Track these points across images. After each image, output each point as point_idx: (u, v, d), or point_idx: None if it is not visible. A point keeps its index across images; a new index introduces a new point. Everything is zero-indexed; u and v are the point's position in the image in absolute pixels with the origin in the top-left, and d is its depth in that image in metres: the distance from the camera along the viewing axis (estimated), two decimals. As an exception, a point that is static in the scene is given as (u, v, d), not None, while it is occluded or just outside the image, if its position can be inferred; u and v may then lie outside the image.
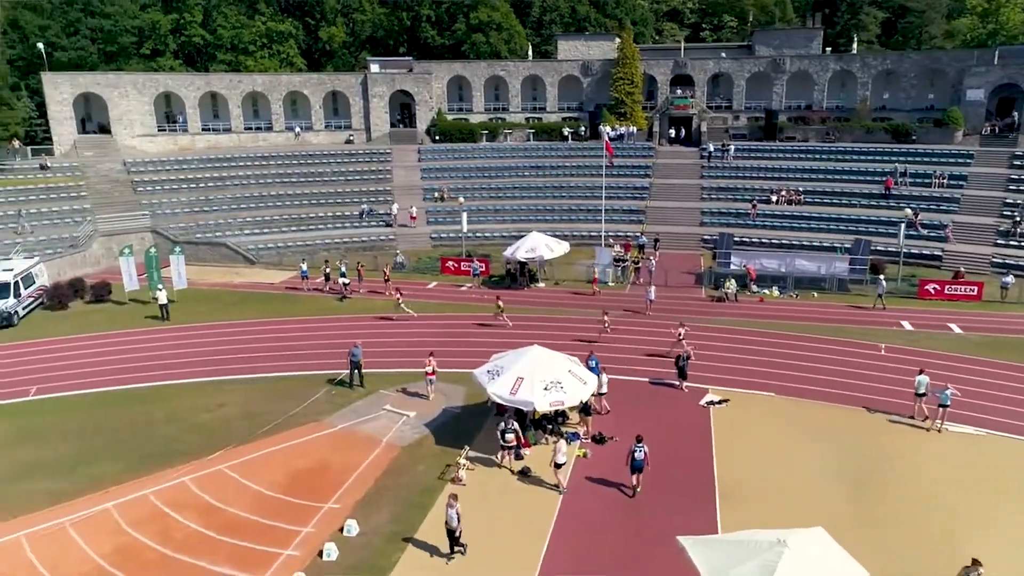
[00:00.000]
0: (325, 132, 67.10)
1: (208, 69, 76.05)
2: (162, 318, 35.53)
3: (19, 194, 50.12)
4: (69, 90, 58.38)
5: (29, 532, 18.53)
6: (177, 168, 57.35)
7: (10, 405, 26.44)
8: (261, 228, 51.78)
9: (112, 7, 70.91)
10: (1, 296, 34.86)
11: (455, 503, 16.76)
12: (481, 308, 36.67)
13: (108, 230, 48.19)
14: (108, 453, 22.52)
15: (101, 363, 30.32)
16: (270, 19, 77.71)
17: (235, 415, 25.12)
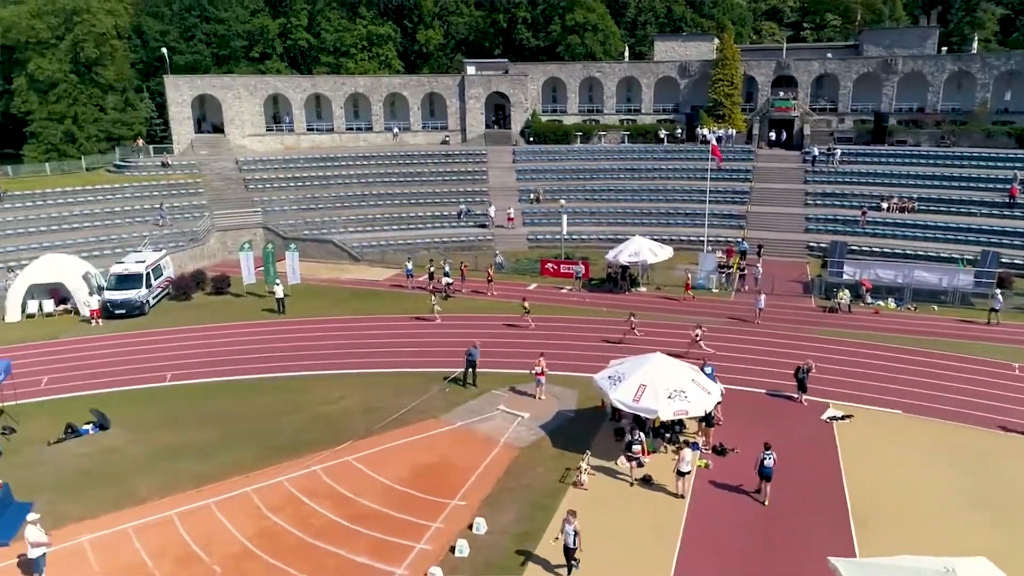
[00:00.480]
0: (422, 133, 68.61)
1: (311, 71, 78.98)
2: (278, 311, 37.14)
3: (144, 190, 53.48)
4: (188, 92, 61.86)
5: (180, 511, 19.74)
6: (284, 167, 59.81)
7: (149, 390, 28.23)
8: (364, 226, 53.35)
9: (226, 13, 74.57)
10: (134, 286, 37.24)
11: (573, 519, 16.54)
12: (584, 311, 36.73)
13: (223, 225, 50.72)
14: (242, 440, 23.73)
15: (226, 353, 31.99)
16: (371, 22, 79.96)
17: (355, 408, 26.03)
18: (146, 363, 30.86)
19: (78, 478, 21.58)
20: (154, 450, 23.19)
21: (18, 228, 47.00)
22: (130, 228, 49.01)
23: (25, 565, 17.39)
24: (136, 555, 17.95)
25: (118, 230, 48.53)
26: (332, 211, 54.89)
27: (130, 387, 28.47)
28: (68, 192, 51.36)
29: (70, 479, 21.51)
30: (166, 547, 18.23)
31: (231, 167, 58.94)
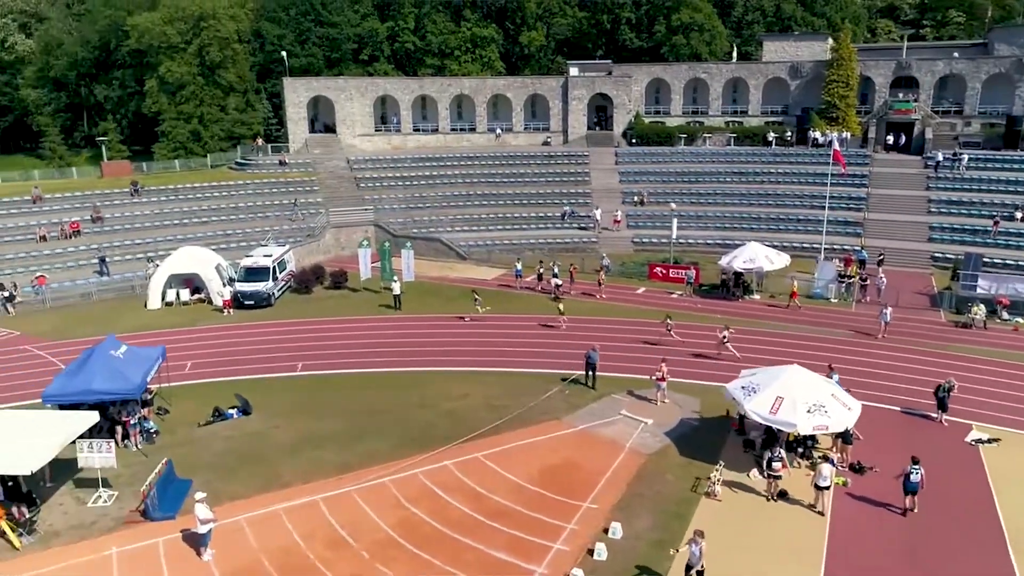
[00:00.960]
0: (524, 134, 69.18)
1: (416, 73, 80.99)
2: (395, 307, 38.37)
3: (264, 187, 56.28)
4: (305, 93, 64.63)
5: (324, 496, 20.77)
6: (392, 166, 61.61)
7: (283, 379, 29.75)
8: (470, 225, 54.33)
9: (338, 17, 77.40)
10: (262, 279, 39.32)
11: (700, 540, 16.31)
12: (696, 318, 36.23)
13: (337, 222, 52.74)
14: (375, 432, 24.69)
15: (349, 345, 33.34)
16: (475, 25, 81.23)
17: (479, 405, 26.62)
18: (277, 353, 32.53)
19: (228, 459, 23.02)
20: (295, 437, 24.44)
21: (154, 221, 50.41)
22: (252, 223, 51.67)
23: (192, 538, 18.75)
24: (289, 536, 19.01)
25: (242, 225, 51.27)
26: (439, 210, 56.16)
27: (265, 375, 30.06)
28: (196, 188, 54.68)
29: (221, 460, 22.97)
30: (315, 530, 19.22)
31: (343, 166, 61.23)
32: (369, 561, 17.95)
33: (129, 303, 40.48)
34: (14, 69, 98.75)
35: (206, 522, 17.87)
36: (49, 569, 17.80)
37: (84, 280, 42.11)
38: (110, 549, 18.53)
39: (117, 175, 57.06)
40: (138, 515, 19.83)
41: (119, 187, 53.13)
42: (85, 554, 18.35)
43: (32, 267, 42.61)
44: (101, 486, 20.90)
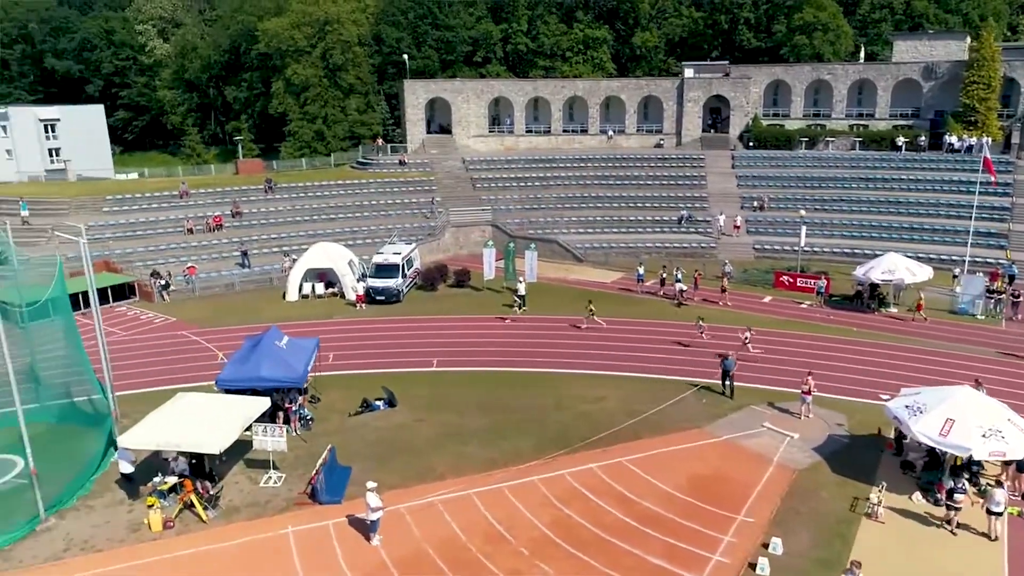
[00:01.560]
0: (636, 136, 68.67)
1: (527, 74, 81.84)
2: (519, 308, 38.97)
3: (385, 186, 58.31)
4: (423, 95, 66.51)
5: (477, 491, 21.43)
6: (506, 167, 62.50)
7: (420, 374, 30.79)
8: (585, 227, 54.46)
9: (454, 20, 79.19)
10: (392, 275, 40.83)
11: (857, 570, 15.85)
12: (828, 330, 35.06)
13: (456, 222, 54.00)
14: (516, 430, 25.23)
15: (479, 343, 34.14)
16: (587, 26, 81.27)
17: (616, 409, 26.73)
18: (412, 348, 33.71)
19: (380, 449, 24.08)
20: (439, 431, 25.29)
21: (286, 217, 53.17)
22: (376, 221, 53.66)
23: (358, 523, 19.78)
24: (448, 527, 19.74)
25: (367, 222, 53.32)
26: (554, 211, 56.56)
27: (402, 369, 31.17)
28: (324, 186, 57.26)
29: (374, 449, 24.05)
30: (473, 523, 19.87)
31: (459, 166, 62.62)
32: (528, 558, 18.41)
33: (268, 294, 42.91)
34: (152, 72, 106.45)
35: (376, 510, 18.80)
36: (235, 542, 19.19)
37: (228, 271, 44.92)
38: (286, 528, 19.78)
39: (251, 172, 60.53)
40: (306, 497, 21.07)
41: (253, 184, 56.37)
42: (264, 531, 19.67)
43: (182, 258, 45.79)
44: (272, 468, 22.31)
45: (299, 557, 18.56)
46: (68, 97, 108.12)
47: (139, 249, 46.61)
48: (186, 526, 19.95)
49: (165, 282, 41.70)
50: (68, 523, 20.14)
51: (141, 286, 41.99)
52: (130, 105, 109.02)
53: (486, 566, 18.13)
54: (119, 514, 20.56)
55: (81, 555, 18.77)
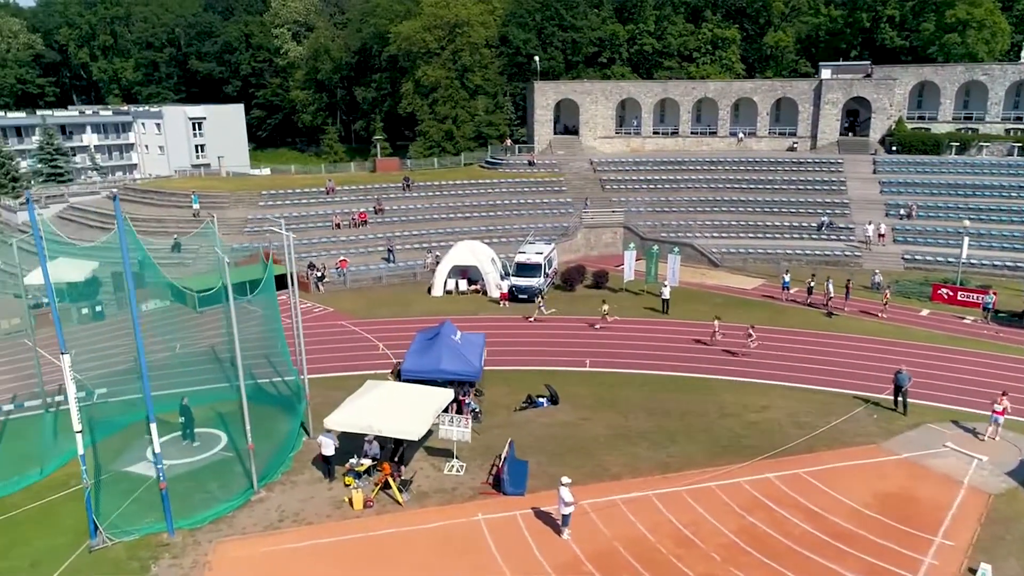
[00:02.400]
0: (767, 138, 66.86)
1: (652, 75, 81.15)
2: (662, 311, 38.93)
3: (516, 186, 59.33)
4: (553, 96, 67.27)
5: (656, 493, 21.67)
6: (634, 169, 62.28)
7: (574, 373, 31.28)
8: (718, 231, 53.56)
9: (581, 21, 79.51)
10: (535, 275, 41.64)
11: None
12: (998, 348, 33.13)
13: (587, 223, 54.34)
14: (684, 435, 25.30)
15: (626, 346, 34.31)
16: (716, 26, 79.71)
17: (782, 420, 26.32)
18: (561, 346, 34.30)
19: (550, 445, 24.71)
20: (606, 431, 25.69)
21: (424, 214, 55.10)
22: (509, 220, 54.77)
23: (543, 516, 20.47)
24: (634, 527, 20.08)
25: (500, 221, 54.52)
26: (685, 215, 55.93)
27: (555, 368, 31.74)
28: (457, 184, 58.95)
29: (544, 445, 24.69)
30: (658, 525, 20.13)
31: (586, 167, 62.92)
32: (721, 564, 18.49)
33: (413, 289, 44.67)
34: (286, 73, 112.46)
35: (569, 504, 19.37)
36: (430, 525, 20.26)
37: (375, 266, 47.06)
38: (477, 515, 20.69)
39: (387, 171, 63.09)
40: (490, 487, 21.96)
41: (390, 181, 58.73)
42: (456, 516, 20.65)
43: (332, 251, 48.32)
44: (454, 457, 23.36)
45: (494, 544, 19.38)
46: (207, 97, 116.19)
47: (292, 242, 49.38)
48: (383, 507, 21.22)
49: (321, 274, 44.16)
50: (277, 496, 21.83)
51: (299, 277, 44.54)
52: (264, 104, 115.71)
53: (680, 568, 18.35)
54: (321, 491, 22.08)
55: (294, 526, 20.32)
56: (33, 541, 19.69)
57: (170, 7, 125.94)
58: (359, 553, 19.14)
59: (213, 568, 18.49)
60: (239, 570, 18.48)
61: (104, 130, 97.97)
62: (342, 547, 19.42)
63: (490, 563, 18.70)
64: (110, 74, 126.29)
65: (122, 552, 19.17)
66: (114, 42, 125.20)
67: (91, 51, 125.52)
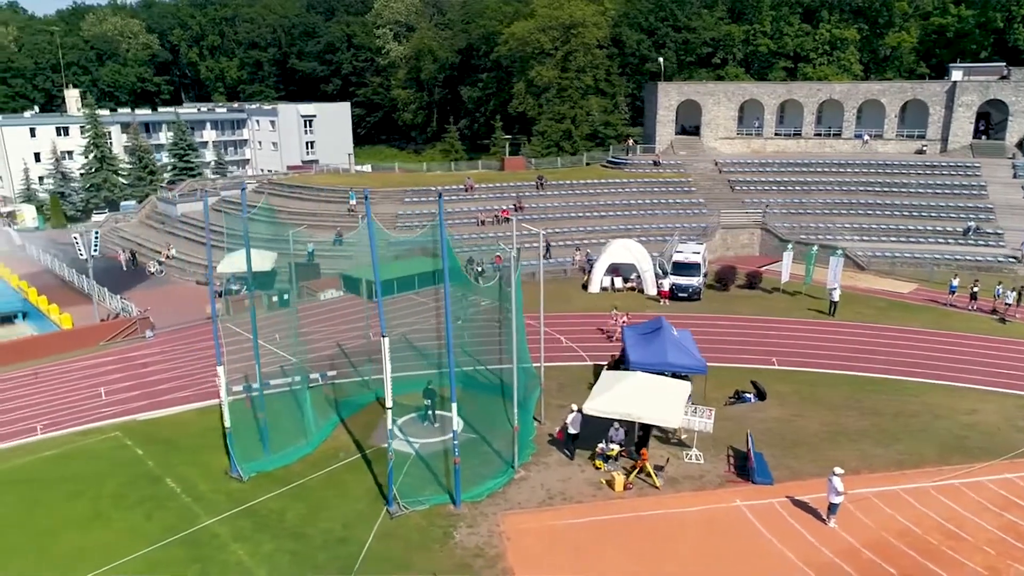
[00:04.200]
0: (894, 141, 65.96)
1: (765, 76, 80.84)
2: (829, 314, 39.31)
3: (644, 186, 60.16)
4: (676, 97, 67.79)
5: (903, 488, 22.36)
6: (760, 170, 62.36)
7: (766, 371, 31.89)
8: (860, 235, 53.28)
9: (696, 22, 79.76)
10: (693, 273, 42.51)
11: None
12: None
13: (724, 223, 54.83)
14: (905, 434, 25.81)
15: (803, 345, 34.89)
16: (834, 26, 78.90)
17: (998, 423, 26.61)
18: (740, 344, 35.09)
19: (773, 439, 25.53)
20: (822, 428, 26.41)
21: (560, 212, 56.47)
22: (642, 220, 55.64)
23: (799, 504, 21.44)
24: (893, 519, 20.85)
25: (634, 220, 55.46)
26: (821, 217, 55.77)
27: (739, 365, 32.57)
28: (589, 184, 60.13)
29: (767, 438, 25.48)
30: (919, 518, 20.83)
31: (711, 168, 63.32)
32: (998, 557, 19.14)
33: (567, 284, 46.01)
34: (387, 72, 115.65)
35: (840, 494, 20.29)
36: (694, 509, 21.46)
37: (528, 262, 48.53)
38: (735, 501, 21.81)
39: (514, 169, 64.72)
40: (734, 476, 23.07)
41: (517, 180, 60.29)
42: (715, 502, 21.80)
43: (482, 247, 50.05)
44: (694, 446, 24.53)
45: (765, 528, 20.45)
46: (304, 95, 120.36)
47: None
48: (640, 490, 22.52)
49: (481, 268, 45.95)
50: (535, 476, 23.36)
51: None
52: (364, 102, 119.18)
53: (957, 559, 19.08)
54: (574, 473, 23.54)
55: (565, 504, 21.80)
56: (334, 507, 21.66)
57: (273, 8, 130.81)
58: (636, 531, 20.46)
59: (511, 538, 20.07)
60: (534, 541, 20.01)
61: (221, 127, 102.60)
62: (618, 525, 20.76)
63: (768, 547, 19.77)
64: (216, 72, 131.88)
65: (420, 520, 20.96)
66: (221, 42, 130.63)
67: (200, 51, 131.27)
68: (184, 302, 43.10)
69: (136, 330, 36.80)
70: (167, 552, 19.62)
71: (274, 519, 21.04)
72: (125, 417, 27.88)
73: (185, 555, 19.50)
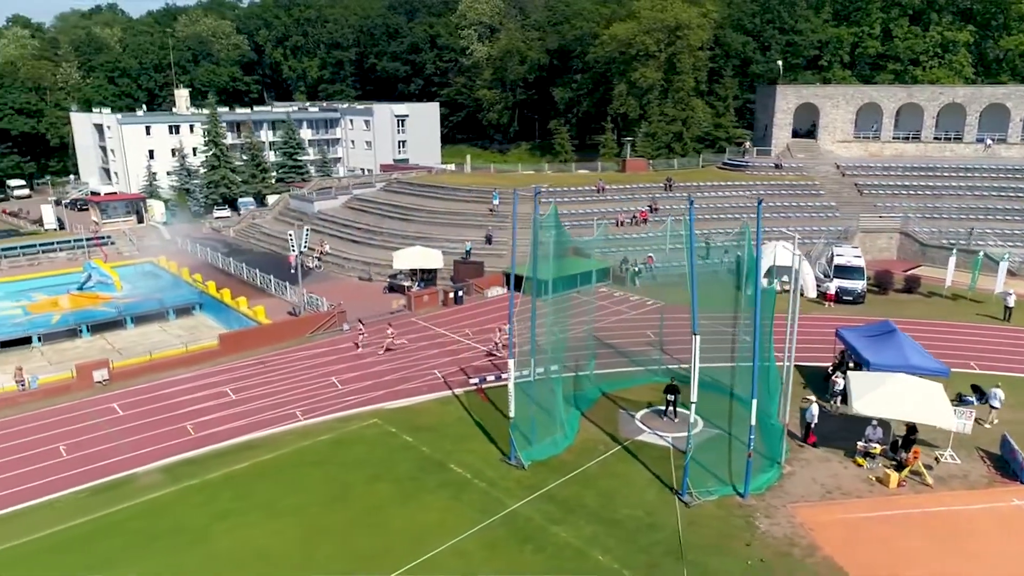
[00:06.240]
0: (1019, 145, 65.36)
1: (872, 79, 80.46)
2: (1004, 319, 39.50)
3: (771, 188, 60.46)
4: (793, 100, 68.00)
5: None
6: (883, 173, 62.36)
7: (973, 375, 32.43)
8: (1004, 240, 53.05)
9: (804, 24, 79.71)
10: (857, 277, 42.99)
11: None
12: None
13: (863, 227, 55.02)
14: None
15: (996, 350, 35.18)
16: (945, 28, 78.24)
17: None
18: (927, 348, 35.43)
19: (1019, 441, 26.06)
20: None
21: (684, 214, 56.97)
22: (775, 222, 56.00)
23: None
24: None
25: (768, 223, 55.68)
26: (958, 222, 55.65)
27: (940, 368, 33.06)
28: (715, 186, 60.85)
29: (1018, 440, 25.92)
30: None
31: (832, 171, 63.48)
32: None
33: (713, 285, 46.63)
34: (471, 72, 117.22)
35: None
36: (978, 507, 22.16)
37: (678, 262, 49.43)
38: (1012, 500, 22.49)
39: (636, 171, 65.60)
40: (996, 475, 23.73)
41: (645, 181, 61.12)
42: (991, 501, 22.51)
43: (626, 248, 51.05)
44: (948, 447, 25.22)
45: (1059, 527, 21.12)
46: (382, 94, 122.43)
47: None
48: (912, 487, 23.29)
49: (638, 269, 46.96)
50: (800, 471, 24.30)
51: (613, 271, 47.72)
52: (447, 102, 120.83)
53: None
54: (836, 468, 24.43)
55: (846, 499, 22.69)
56: (625, 495, 22.82)
57: (355, 9, 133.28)
58: (934, 528, 21.22)
59: (813, 529, 21.03)
60: (839, 533, 20.91)
61: (315, 126, 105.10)
62: (912, 520, 21.52)
63: (1070, 545, 20.44)
64: (298, 72, 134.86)
65: (715, 509, 22.04)
66: (304, 42, 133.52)
67: (284, 51, 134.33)
68: (357, 296, 44.71)
69: (335, 323, 38.48)
70: (493, 531, 20.97)
71: (575, 504, 22.27)
72: (372, 406, 29.42)
73: (511, 535, 20.83)
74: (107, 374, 31.45)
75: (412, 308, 41.91)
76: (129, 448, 25.96)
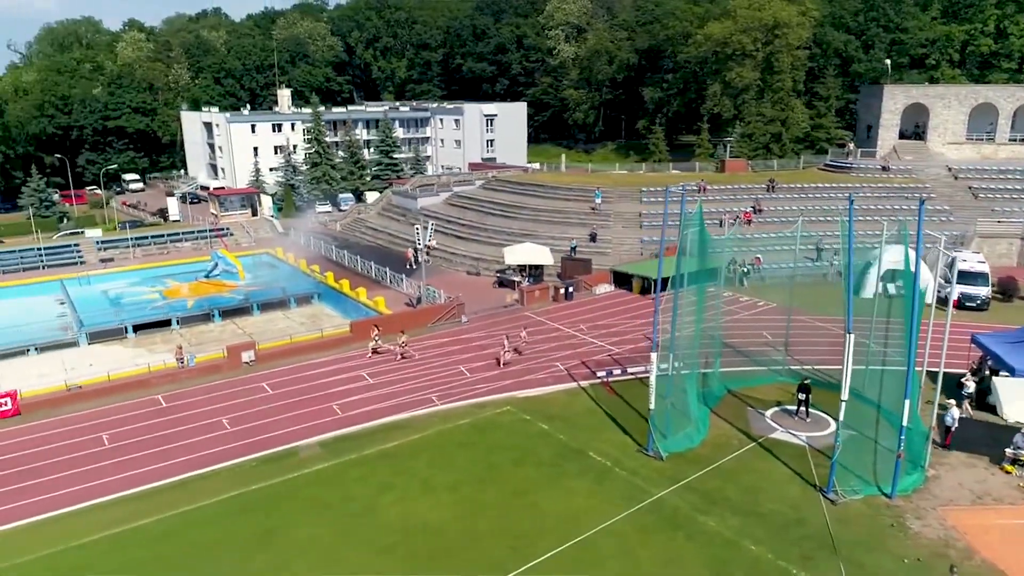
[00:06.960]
0: None
1: (983, 79, 77.22)
2: None
3: (877, 191, 59.13)
4: (902, 100, 66.10)
5: None
6: (999, 177, 59.94)
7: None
8: None
9: (911, 22, 77.16)
10: (981, 283, 41.73)
11: None
12: None
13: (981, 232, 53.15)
14: None
15: None
16: (1069, 25, 74.50)
17: None
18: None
19: None
20: None
21: (794, 216, 56.15)
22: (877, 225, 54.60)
23: None
24: None
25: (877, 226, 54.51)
26: (1082, 229, 53.20)
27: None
28: (818, 188, 59.85)
29: None
30: None
31: (944, 173, 61.40)
32: None
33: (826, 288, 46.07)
34: (557, 72, 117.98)
35: None
36: None
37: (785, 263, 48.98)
38: None
39: (735, 171, 65.06)
40: None
41: (746, 182, 60.55)
42: None
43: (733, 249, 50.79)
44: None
45: None
46: (467, 94, 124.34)
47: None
48: (1067, 495, 22.82)
49: (747, 270, 46.81)
50: (946, 475, 24.11)
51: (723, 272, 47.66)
52: (533, 102, 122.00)
53: None
54: (983, 474, 24.14)
55: (998, 504, 22.42)
56: (767, 489, 23.17)
57: (442, 11, 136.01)
58: (1096, 537, 20.81)
59: (968, 533, 20.91)
60: (997, 538, 20.71)
61: (406, 124, 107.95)
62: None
63: None
64: (387, 72, 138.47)
65: (862, 508, 22.14)
66: (394, 43, 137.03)
67: (374, 52, 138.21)
68: (468, 290, 46.08)
69: (454, 314, 39.91)
70: (642, 517, 21.70)
71: (718, 496, 22.77)
72: (503, 394, 30.58)
73: (659, 522, 21.51)
74: (254, 355, 33.70)
75: (524, 303, 43.01)
76: (286, 423, 27.86)
